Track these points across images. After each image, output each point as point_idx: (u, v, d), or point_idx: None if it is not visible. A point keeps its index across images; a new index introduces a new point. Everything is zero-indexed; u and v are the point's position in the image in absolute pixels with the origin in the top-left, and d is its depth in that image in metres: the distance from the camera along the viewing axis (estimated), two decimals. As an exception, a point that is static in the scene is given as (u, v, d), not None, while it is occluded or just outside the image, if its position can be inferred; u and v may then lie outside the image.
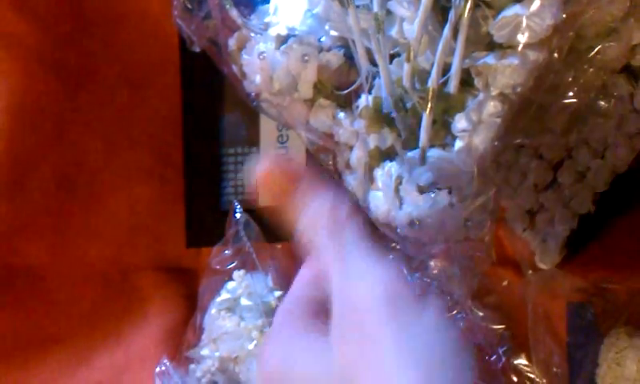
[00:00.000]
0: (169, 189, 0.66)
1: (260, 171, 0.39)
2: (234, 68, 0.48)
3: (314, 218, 0.37)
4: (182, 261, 0.68)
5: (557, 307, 0.57)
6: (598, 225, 0.56)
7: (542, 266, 0.57)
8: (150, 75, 0.65)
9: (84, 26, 0.64)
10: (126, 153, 0.66)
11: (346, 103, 0.44)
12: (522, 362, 0.56)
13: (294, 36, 0.45)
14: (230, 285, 0.61)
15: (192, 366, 0.61)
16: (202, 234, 0.66)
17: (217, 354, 0.60)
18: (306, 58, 0.44)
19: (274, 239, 0.64)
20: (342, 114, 0.44)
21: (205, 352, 0.61)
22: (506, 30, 0.37)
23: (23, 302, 0.66)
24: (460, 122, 0.39)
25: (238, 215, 0.62)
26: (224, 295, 0.61)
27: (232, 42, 0.48)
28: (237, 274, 0.61)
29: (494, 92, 0.37)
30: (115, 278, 0.67)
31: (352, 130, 0.43)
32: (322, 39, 0.45)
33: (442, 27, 0.38)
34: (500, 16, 0.37)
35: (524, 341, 0.56)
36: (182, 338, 0.63)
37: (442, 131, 0.39)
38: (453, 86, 0.38)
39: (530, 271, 0.57)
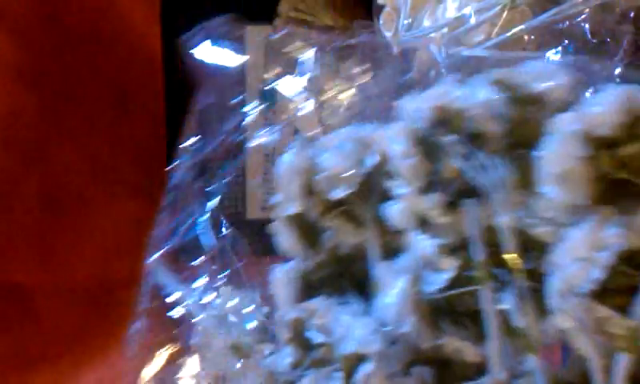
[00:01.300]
0: (154, 205, 0.65)
1: None
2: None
3: None
4: (169, 277, 0.67)
5: None
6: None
7: None
8: (134, 91, 0.64)
9: (66, 42, 0.63)
10: (111, 170, 0.66)
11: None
12: None
13: None
14: (217, 301, 0.60)
15: (180, 385, 0.60)
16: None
17: (204, 372, 0.59)
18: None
19: (262, 252, 0.64)
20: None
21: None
22: None
23: (9, 322, 0.65)
24: None
25: (224, 230, 0.61)
26: (211, 312, 0.60)
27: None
28: (223, 291, 0.60)
29: None
30: (101, 296, 0.66)
31: None
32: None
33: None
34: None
35: None
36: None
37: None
38: None
39: None
